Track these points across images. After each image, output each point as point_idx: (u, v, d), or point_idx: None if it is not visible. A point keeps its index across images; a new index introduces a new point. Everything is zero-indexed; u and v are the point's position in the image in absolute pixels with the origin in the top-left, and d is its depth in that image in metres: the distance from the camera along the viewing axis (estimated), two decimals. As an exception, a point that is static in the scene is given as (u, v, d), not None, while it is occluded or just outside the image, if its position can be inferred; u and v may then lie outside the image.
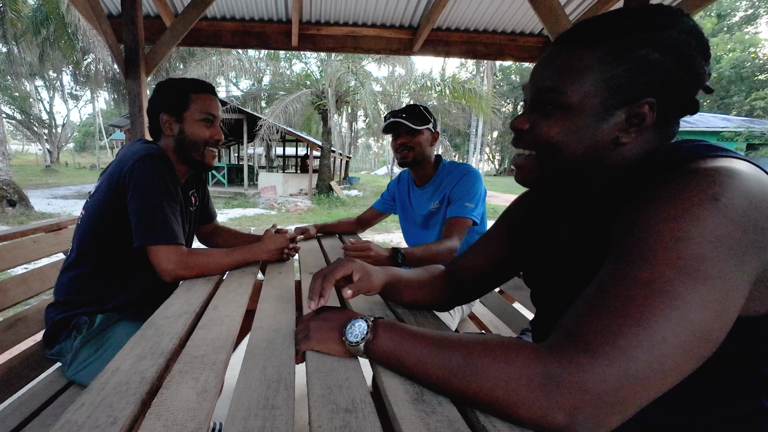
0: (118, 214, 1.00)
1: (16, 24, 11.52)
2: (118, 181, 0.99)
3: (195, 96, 1.11)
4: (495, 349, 0.45)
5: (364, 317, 0.57)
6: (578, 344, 0.41)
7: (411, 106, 1.48)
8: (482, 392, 0.44)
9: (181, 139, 1.12)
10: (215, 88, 1.18)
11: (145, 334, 0.67)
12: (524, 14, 2.71)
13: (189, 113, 1.10)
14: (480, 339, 0.48)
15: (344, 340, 0.57)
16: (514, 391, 0.42)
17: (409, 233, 1.71)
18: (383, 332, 0.54)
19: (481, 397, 0.44)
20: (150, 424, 0.44)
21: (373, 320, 0.56)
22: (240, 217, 8.60)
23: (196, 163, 1.15)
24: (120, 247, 1.03)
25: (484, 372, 0.44)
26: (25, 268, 2.01)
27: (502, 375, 0.43)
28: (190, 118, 1.11)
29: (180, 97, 1.10)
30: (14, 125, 26.40)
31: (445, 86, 11.75)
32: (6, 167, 7.72)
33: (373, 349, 0.54)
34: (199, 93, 1.11)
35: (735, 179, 0.40)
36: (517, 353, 0.44)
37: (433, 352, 0.49)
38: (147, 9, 2.62)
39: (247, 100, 17.70)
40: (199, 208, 1.34)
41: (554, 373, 0.40)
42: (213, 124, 1.14)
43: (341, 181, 17.67)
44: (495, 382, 0.43)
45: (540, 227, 0.70)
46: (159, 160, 1.01)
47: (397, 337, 0.53)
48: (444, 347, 0.49)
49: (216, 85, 19.97)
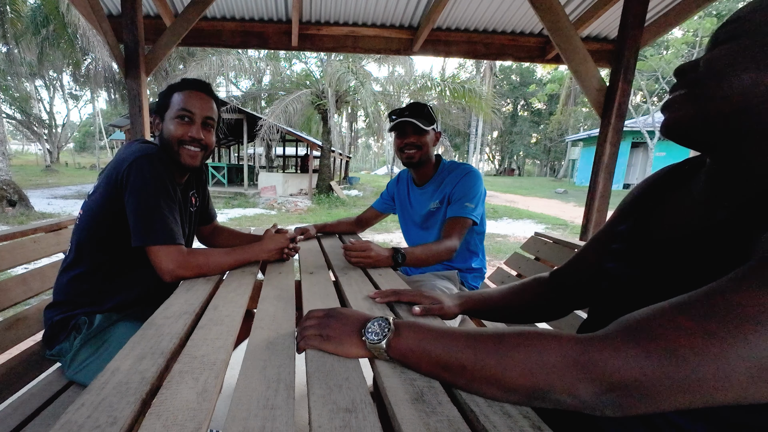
0: (116, 215, 1.00)
1: (16, 24, 11.52)
2: (116, 182, 0.99)
3: (177, 94, 1.08)
4: (529, 336, 0.44)
5: (382, 316, 0.57)
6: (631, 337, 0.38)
7: (417, 104, 1.47)
8: (516, 367, 0.43)
9: (161, 139, 1.10)
10: (208, 86, 1.13)
11: (145, 334, 0.67)
12: (524, 14, 2.71)
13: (168, 111, 1.09)
14: (509, 329, 0.47)
15: (364, 340, 0.56)
16: (548, 367, 0.41)
17: (408, 233, 1.71)
18: (406, 329, 0.54)
19: (514, 372, 0.43)
20: (150, 424, 0.44)
21: (393, 317, 0.56)
22: (240, 217, 8.60)
23: (177, 163, 1.10)
24: (118, 247, 1.03)
25: (518, 346, 0.43)
26: (25, 268, 2.01)
27: (536, 352, 0.42)
28: (168, 116, 1.09)
29: (166, 96, 1.09)
30: (14, 125, 26.40)
31: (445, 86, 11.76)
32: (6, 167, 7.71)
33: (396, 347, 0.54)
34: (182, 90, 1.08)
35: None
36: (553, 338, 0.43)
37: (462, 340, 0.48)
38: (147, 9, 2.62)
39: (247, 100, 17.71)
40: (199, 208, 1.33)
41: (591, 352, 0.39)
42: (191, 121, 1.08)
43: (341, 181, 17.67)
44: (529, 360, 0.42)
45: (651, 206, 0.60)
46: (156, 160, 1.00)
47: (421, 332, 0.53)
48: (473, 336, 0.48)
49: (216, 85, 19.97)
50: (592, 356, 0.39)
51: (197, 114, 1.09)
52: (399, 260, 1.22)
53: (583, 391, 0.39)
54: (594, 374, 0.39)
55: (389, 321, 0.56)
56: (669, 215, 0.56)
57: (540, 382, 0.42)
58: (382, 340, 0.55)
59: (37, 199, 9.53)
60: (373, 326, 0.56)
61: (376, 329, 0.56)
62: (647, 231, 0.58)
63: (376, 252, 1.19)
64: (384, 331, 0.55)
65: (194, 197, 1.28)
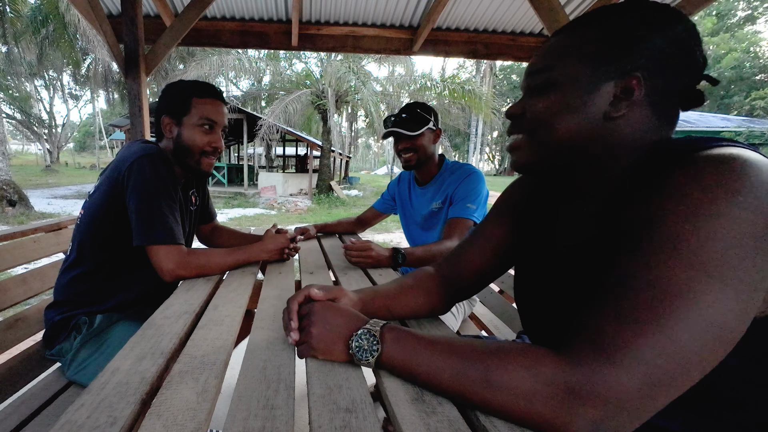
0: (117, 214, 1.00)
1: (16, 23, 11.52)
2: (117, 181, 0.99)
3: (197, 100, 1.08)
4: (514, 360, 0.44)
5: (369, 324, 0.55)
6: (599, 354, 0.40)
7: (408, 106, 1.46)
8: (503, 406, 0.44)
9: (179, 144, 1.10)
10: (223, 94, 1.15)
11: (145, 334, 0.67)
12: (524, 14, 2.70)
13: (188, 117, 1.08)
14: (494, 347, 0.47)
15: (351, 354, 0.55)
16: (537, 405, 0.41)
17: (410, 233, 1.70)
18: (392, 343, 0.52)
19: (501, 409, 0.44)
20: (150, 424, 0.44)
21: (380, 328, 0.54)
22: (240, 216, 8.60)
23: (192, 169, 1.13)
24: (119, 247, 1.03)
25: (505, 385, 0.43)
26: (25, 268, 2.01)
27: (523, 387, 0.42)
28: (189, 122, 1.09)
29: (183, 100, 1.09)
30: (14, 125, 26.40)
31: (445, 86, 11.75)
32: (6, 167, 7.71)
33: (384, 362, 0.53)
34: (202, 97, 1.09)
35: (750, 169, 0.39)
36: (537, 363, 0.43)
37: (447, 363, 0.48)
38: (147, 9, 2.62)
39: (247, 100, 17.71)
40: (200, 207, 1.33)
41: (577, 386, 0.40)
42: (213, 131, 1.11)
43: (341, 180, 17.66)
44: (516, 396, 0.43)
45: (540, 222, 0.67)
46: (158, 160, 1.00)
47: (407, 347, 0.51)
48: (458, 356, 0.47)
49: (216, 84, 19.98)
50: (580, 392, 0.40)
51: (218, 123, 1.12)
52: (399, 260, 1.22)
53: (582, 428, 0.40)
54: (587, 411, 0.39)
55: (377, 337, 0.53)
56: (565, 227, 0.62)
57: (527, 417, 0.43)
58: (369, 359, 0.53)
59: (37, 199, 9.52)
60: (360, 341, 0.54)
61: (364, 345, 0.54)
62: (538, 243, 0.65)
63: (376, 252, 1.19)
64: (372, 347, 0.53)
65: (194, 196, 1.28)
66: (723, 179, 0.39)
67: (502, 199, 0.76)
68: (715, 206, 0.38)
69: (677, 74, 0.49)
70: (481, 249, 0.75)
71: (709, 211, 0.39)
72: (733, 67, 21.71)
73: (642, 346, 0.38)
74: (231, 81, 21.58)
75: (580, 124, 0.52)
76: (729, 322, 0.38)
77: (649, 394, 0.38)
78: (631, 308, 0.40)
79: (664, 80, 0.49)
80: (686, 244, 0.39)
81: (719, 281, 0.37)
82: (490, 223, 0.75)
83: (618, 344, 0.39)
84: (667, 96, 0.50)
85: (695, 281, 0.38)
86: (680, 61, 0.49)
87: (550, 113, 0.54)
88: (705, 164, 0.41)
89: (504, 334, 1.39)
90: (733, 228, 0.38)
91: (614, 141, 0.52)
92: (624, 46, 0.49)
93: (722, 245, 0.38)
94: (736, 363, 0.43)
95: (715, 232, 0.38)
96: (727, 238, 0.38)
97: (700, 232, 0.38)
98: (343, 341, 0.57)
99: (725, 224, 0.38)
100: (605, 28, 0.51)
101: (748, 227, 0.37)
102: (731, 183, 0.39)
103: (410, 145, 1.46)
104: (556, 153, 0.55)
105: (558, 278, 0.60)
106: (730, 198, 0.38)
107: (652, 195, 0.44)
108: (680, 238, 0.39)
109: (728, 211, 0.38)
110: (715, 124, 15.00)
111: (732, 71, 21.71)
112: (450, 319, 1.34)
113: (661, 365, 0.38)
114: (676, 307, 0.38)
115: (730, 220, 0.38)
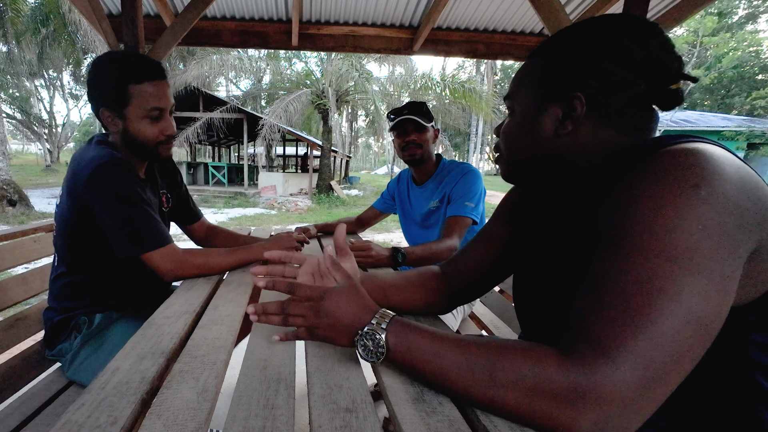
0: (88, 228, 0.94)
1: (16, 23, 11.51)
2: (79, 197, 0.92)
3: (134, 87, 0.94)
4: (518, 358, 0.44)
5: (377, 318, 0.53)
6: (595, 350, 0.41)
7: (416, 103, 1.48)
8: (507, 403, 0.44)
9: (127, 138, 0.99)
10: (162, 68, 0.99)
11: (145, 334, 0.67)
12: (524, 14, 2.70)
13: (130, 109, 0.96)
14: (499, 345, 0.47)
15: (357, 352, 0.54)
16: (541, 403, 0.42)
17: (409, 232, 1.71)
18: (398, 340, 0.51)
19: (505, 407, 0.44)
20: (150, 424, 0.44)
21: (386, 326, 0.52)
22: (240, 216, 8.60)
23: (150, 158, 1.05)
24: (101, 258, 1.00)
25: (510, 383, 0.44)
26: (25, 268, 2.01)
27: (528, 385, 0.43)
28: (132, 115, 0.96)
29: (118, 89, 0.94)
30: (14, 125, 26.39)
31: (445, 86, 11.75)
32: (6, 167, 7.72)
33: (389, 359, 0.52)
34: (139, 83, 0.94)
35: (709, 162, 0.41)
36: (541, 362, 0.43)
37: (453, 360, 0.48)
38: (147, 8, 2.62)
39: (247, 100, 17.70)
40: (173, 208, 1.26)
41: (580, 385, 0.40)
42: (162, 117, 0.99)
43: (341, 180, 17.67)
44: (521, 393, 0.43)
45: (539, 223, 0.69)
46: (114, 167, 0.92)
47: (413, 344, 0.50)
48: (464, 354, 0.47)
49: (216, 84, 19.96)
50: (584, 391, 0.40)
51: (165, 108, 0.99)
52: (399, 260, 1.22)
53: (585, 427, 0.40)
54: (592, 411, 0.40)
55: (382, 342, 0.51)
56: (556, 228, 0.65)
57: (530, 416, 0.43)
58: (374, 360, 0.52)
59: (38, 199, 9.54)
60: (366, 342, 0.52)
61: (370, 346, 0.52)
62: (547, 242, 0.67)
63: (376, 251, 1.19)
64: (378, 348, 0.51)
65: (165, 197, 1.21)
66: (683, 173, 0.41)
67: (506, 201, 0.77)
68: (680, 200, 0.40)
69: (625, 87, 0.52)
70: (485, 251, 0.76)
71: (674, 204, 0.40)
72: (734, 66, 21.69)
73: (633, 340, 0.39)
74: (231, 80, 21.58)
75: (534, 142, 0.58)
76: (709, 310, 0.39)
77: (647, 389, 0.39)
78: (614, 302, 0.41)
79: (611, 94, 0.52)
80: (658, 237, 0.40)
81: (693, 271, 0.39)
82: (494, 225, 0.77)
83: (609, 339, 0.40)
84: (619, 107, 0.53)
85: (671, 273, 0.39)
86: (630, 74, 0.51)
87: (510, 136, 0.62)
88: (666, 160, 0.43)
89: (504, 333, 1.40)
90: (698, 219, 0.39)
91: (571, 153, 0.56)
92: (565, 70, 0.54)
93: (690, 236, 0.39)
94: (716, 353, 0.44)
95: (682, 224, 0.39)
96: (693, 229, 0.39)
97: (669, 225, 0.40)
98: (348, 338, 0.55)
99: (690, 216, 0.39)
100: (552, 55, 0.56)
101: (711, 217, 0.39)
102: (691, 177, 0.40)
103: (418, 138, 1.48)
104: (523, 167, 0.62)
105: (549, 277, 0.62)
106: (691, 191, 0.40)
107: (618, 194, 0.46)
108: (651, 232, 0.41)
109: (689, 203, 0.39)
110: (715, 123, 14.97)
111: (733, 71, 21.68)
112: (450, 319, 1.34)
113: (656, 360, 0.39)
114: (658, 299, 0.39)
115: (692, 211, 0.39)
